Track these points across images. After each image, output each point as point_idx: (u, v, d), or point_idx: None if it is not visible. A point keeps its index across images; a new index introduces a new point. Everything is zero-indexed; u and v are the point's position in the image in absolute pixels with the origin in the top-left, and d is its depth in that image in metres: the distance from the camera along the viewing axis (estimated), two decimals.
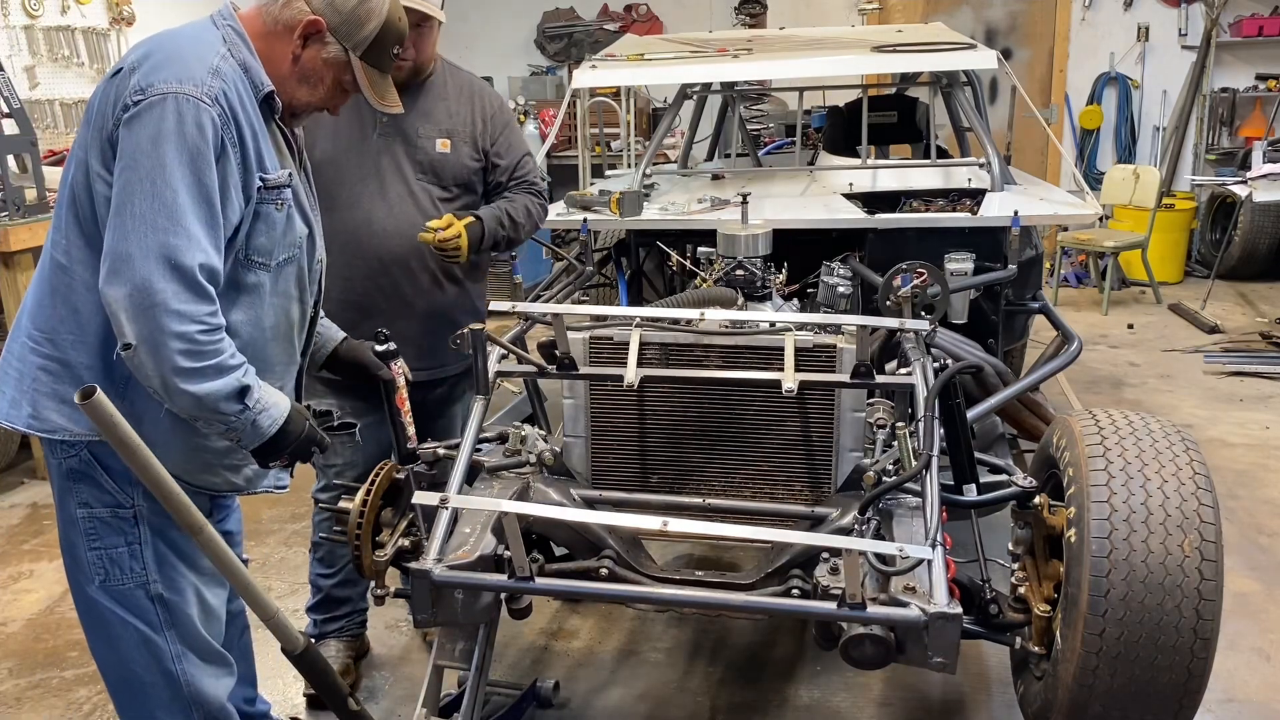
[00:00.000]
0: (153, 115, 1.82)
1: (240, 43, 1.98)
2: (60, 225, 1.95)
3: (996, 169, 3.90)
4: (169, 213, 1.80)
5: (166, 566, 2.05)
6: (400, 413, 2.50)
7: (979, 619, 2.30)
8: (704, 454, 2.72)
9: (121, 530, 2.00)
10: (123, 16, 5.98)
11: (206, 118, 1.84)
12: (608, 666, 3.14)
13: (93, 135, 1.89)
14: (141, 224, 1.79)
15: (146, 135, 1.81)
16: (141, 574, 2.03)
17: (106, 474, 1.97)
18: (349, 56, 2.04)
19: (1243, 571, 3.57)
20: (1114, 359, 6.11)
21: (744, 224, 3.30)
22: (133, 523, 2.00)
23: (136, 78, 1.85)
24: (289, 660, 2.06)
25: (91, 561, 2.01)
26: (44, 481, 4.73)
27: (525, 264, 7.46)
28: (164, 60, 1.87)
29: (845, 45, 4.47)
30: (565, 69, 9.57)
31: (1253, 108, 8.15)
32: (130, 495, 1.98)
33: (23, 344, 1.97)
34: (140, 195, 1.80)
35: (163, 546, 2.04)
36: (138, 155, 1.81)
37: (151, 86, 1.83)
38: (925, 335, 2.70)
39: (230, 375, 1.87)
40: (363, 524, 2.28)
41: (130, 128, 1.82)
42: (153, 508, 1.96)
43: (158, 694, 2.11)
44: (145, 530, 2.01)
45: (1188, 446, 2.22)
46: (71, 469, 1.97)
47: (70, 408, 1.89)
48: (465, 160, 2.93)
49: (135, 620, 2.05)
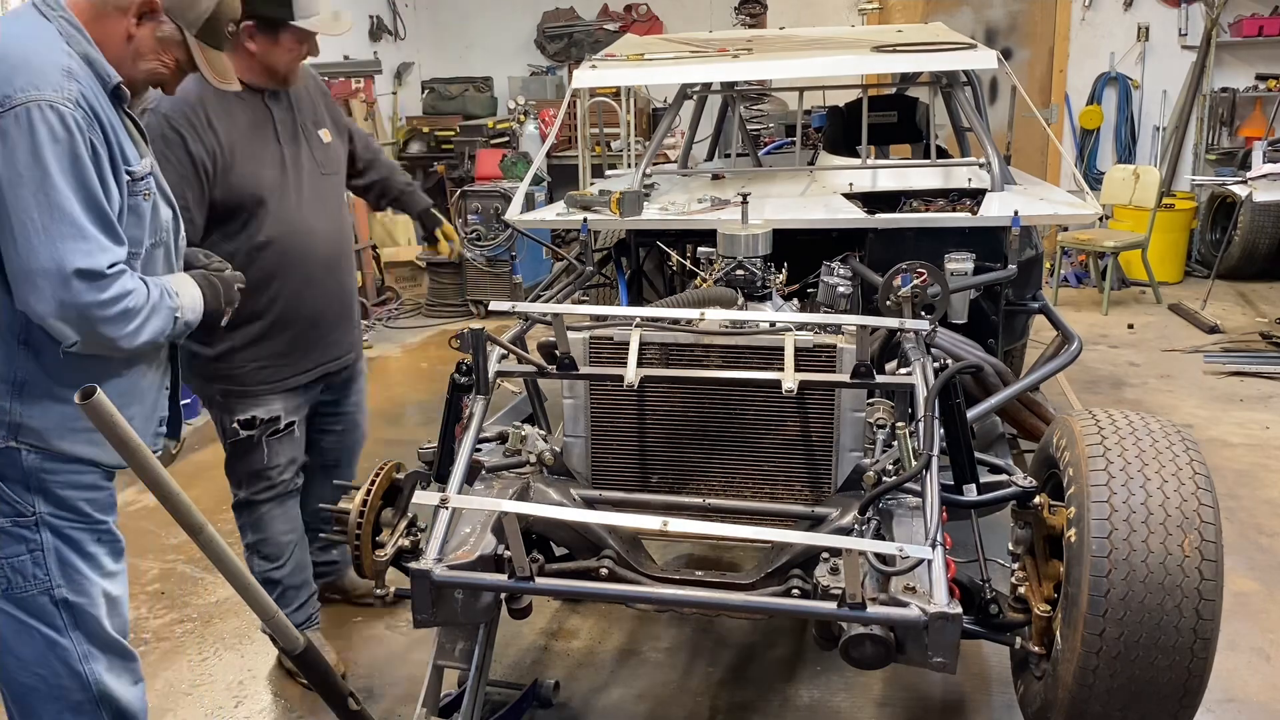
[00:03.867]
0: (21, 128, 1.84)
1: (77, 34, 1.98)
2: None
3: (996, 169, 3.89)
4: (69, 222, 1.86)
5: (70, 570, 2.07)
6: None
7: (979, 619, 2.30)
8: (704, 454, 2.72)
9: (23, 539, 2.03)
10: None
11: (72, 121, 1.87)
12: (608, 666, 3.14)
13: None
14: (46, 238, 1.84)
15: (24, 149, 1.84)
16: (45, 580, 2.05)
17: (4, 483, 1.99)
18: (184, 35, 2.07)
19: (1243, 571, 3.57)
20: (1114, 359, 6.11)
21: (744, 224, 3.30)
22: (34, 529, 2.03)
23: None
24: (289, 660, 2.06)
25: None
26: None
27: (525, 264, 7.46)
28: (12, 68, 1.87)
29: (845, 45, 4.46)
30: (565, 69, 9.57)
31: (1253, 108, 8.15)
32: (30, 503, 2.01)
33: None
34: (38, 210, 1.84)
35: (65, 550, 2.06)
36: (21, 170, 1.84)
37: (10, 98, 1.84)
38: (925, 335, 2.70)
39: (162, 308, 2.01)
40: (363, 524, 2.29)
41: (2, 142, 1.84)
42: (53, 513, 2.03)
43: (67, 696, 2.12)
44: (47, 536, 2.04)
45: (1188, 446, 2.22)
46: None
47: None
48: (340, 145, 3.04)
49: (40, 625, 2.07)
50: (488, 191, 7.41)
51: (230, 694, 3.08)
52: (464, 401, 2.65)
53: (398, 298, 7.96)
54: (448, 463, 2.59)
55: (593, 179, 6.47)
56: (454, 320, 7.48)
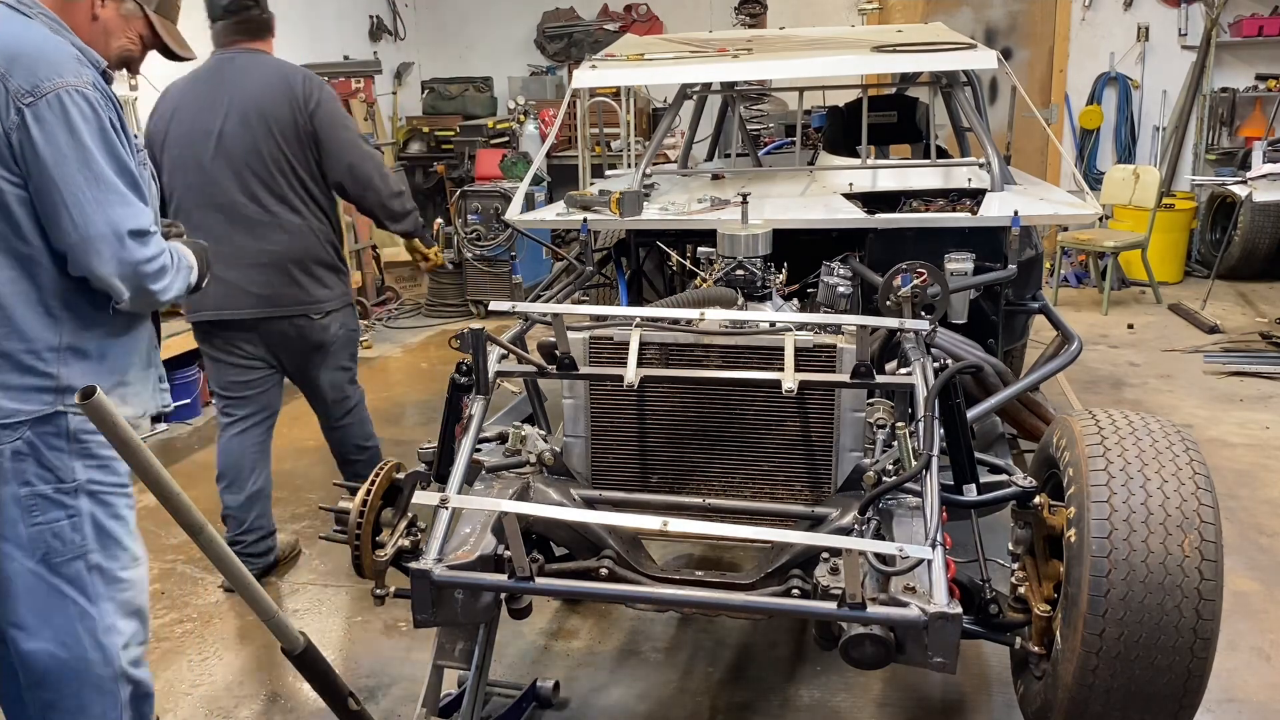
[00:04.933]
0: (55, 113, 2.01)
1: (60, 28, 2.14)
2: None
3: (996, 169, 3.89)
4: (114, 190, 2.06)
5: (104, 536, 2.18)
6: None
7: (979, 619, 2.30)
8: (704, 454, 2.72)
9: (62, 504, 2.13)
10: None
11: (95, 102, 2.06)
12: (608, 666, 3.14)
13: None
14: (99, 207, 2.03)
15: (62, 131, 2.02)
16: (81, 545, 2.15)
17: (46, 450, 2.10)
18: (144, 11, 2.26)
19: (1243, 571, 3.57)
20: (1114, 359, 6.11)
21: (744, 224, 3.30)
22: (73, 495, 2.13)
23: (14, 80, 2.00)
24: (289, 660, 2.06)
25: (32, 538, 2.11)
26: None
27: (525, 264, 7.46)
28: (31, 61, 2.03)
29: (845, 45, 4.46)
30: (565, 69, 9.57)
31: (1253, 108, 8.15)
32: (71, 469, 2.12)
33: None
34: (86, 183, 2.03)
35: (101, 516, 2.17)
36: (65, 151, 2.02)
37: (38, 87, 2.01)
38: (925, 335, 2.70)
39: (182, 269, 2.22)
40: (363, 524, 2.29)
41: (41, 126, 2.01)
42: (91, 479, 2.15)
43: (90, 671, 2.19)
44: (85, 502, 2.15)
45: (1188, 446, 2.22)
46: (15, 450, 2.08)
47: (11, 392, 2.06)
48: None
49: (75, 593, 2.15)
50: (488, 191, 7.41)
51: (230, 694, 3.08)
52: (464, 401, 2.65)
53: (398, 298, 7.96)
54: (448, 463, 2.59)
55: (593, 179, 6.47)
56: (454, 320, 7.49)
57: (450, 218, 7.72)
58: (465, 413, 2.64)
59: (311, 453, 4.88)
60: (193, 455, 5.08)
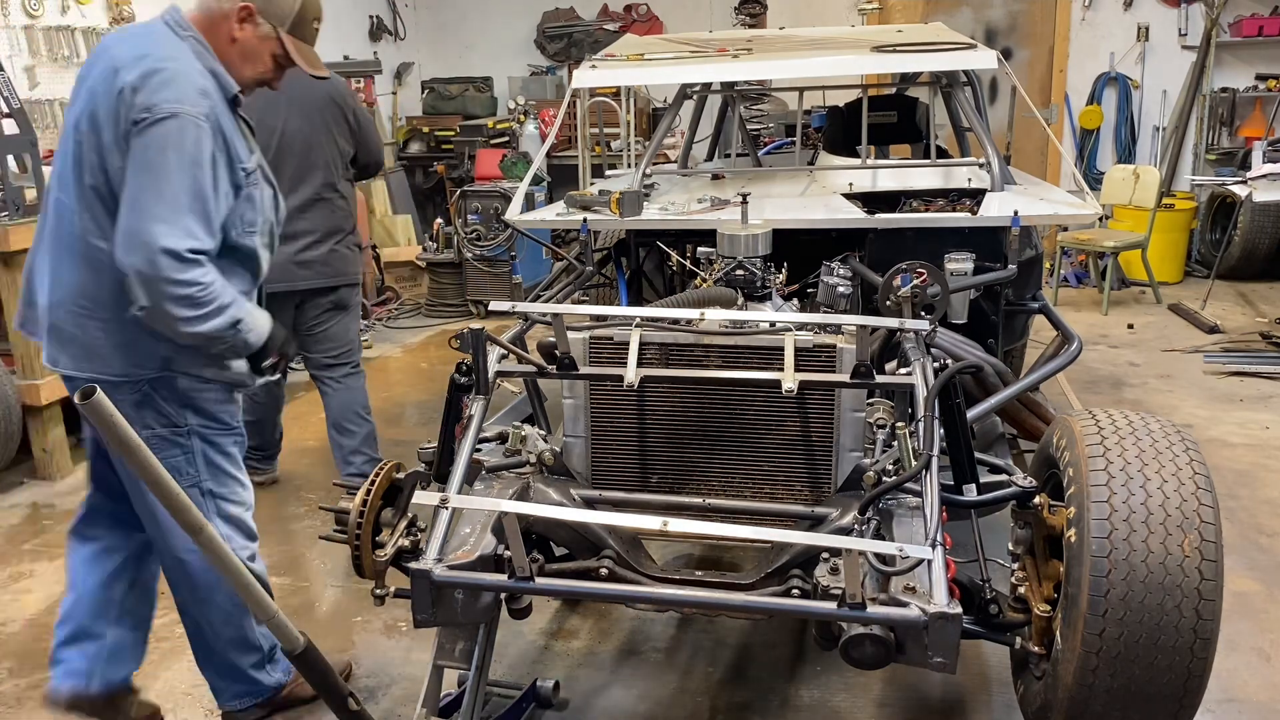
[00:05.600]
0: (160, 130, 2.26)
1: (205, 51, 2.41)
2: (88, 213, 2.37)
3: (996, 169, 3.90)
4: (168, 207, 2.25)
5: (213, 467, 2.56)
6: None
7: (979, 619, 2.30)
8: (704, 454, 2.72)
9: (177, 444, 2.49)
10: (123, 16, 5.97)
11: (204, 135, 2.29)
12: (608, 666, 3.14)
13: (109, 139, 2.31)
14: (149, 216, 2.24)
15: (155, 145, 2.25)
16: (195, 475, 2.52)
17: (163, 401, 2.45)
18: (278, 33, 2.48)
19: (1243, 571, 3.57)
20: (1114, 359, 6.11)
21: (744, 224, 3.30)
22: (186, 437, 2.50)
23: (141, 97, 2.27)
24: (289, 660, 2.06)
25: None
26: (44, 481, 4.73)
27: (525, 264, 7.46)
28: (162, 83, 2.28)
29: (845, 45, 4.46)
30: (565, 69, 9.57)
31: (1253, 108, 8.15)
32: (183, 416, 2.48)
33: (73, 314, 2.40)
34: (150, 192, 2.25)
35: (210, 451, 2.55)
36: (149, 159, 2.26)
37: (156, 106, 2.26)
38: (925, 335, 2.70)
39: (226, 313, 2.34)
40: (363, 524, 2.29)
41: (142, 137, 2.26)
42: (201, 423, 2.50)
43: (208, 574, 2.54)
44: (196, 441, 2.52)
45: (1188, 446, 2.22)
46: (136, 401, 2.42)
47: (130, 356, 2.39)
48: None
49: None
50: (488, 191, 7.41)
51: None
52: (464, 401, 2.66)
53: (398, 298, 7.96)
54: (448, 463, 2.59)
55: (593, 179, 6.47)
56: (454, 320, 7.48)
57: (450, 218, 7.72)
58: (465, 413, 2.64)
59: (312, 453, 4.88)
60: None
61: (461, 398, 2.67)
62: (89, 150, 2.34)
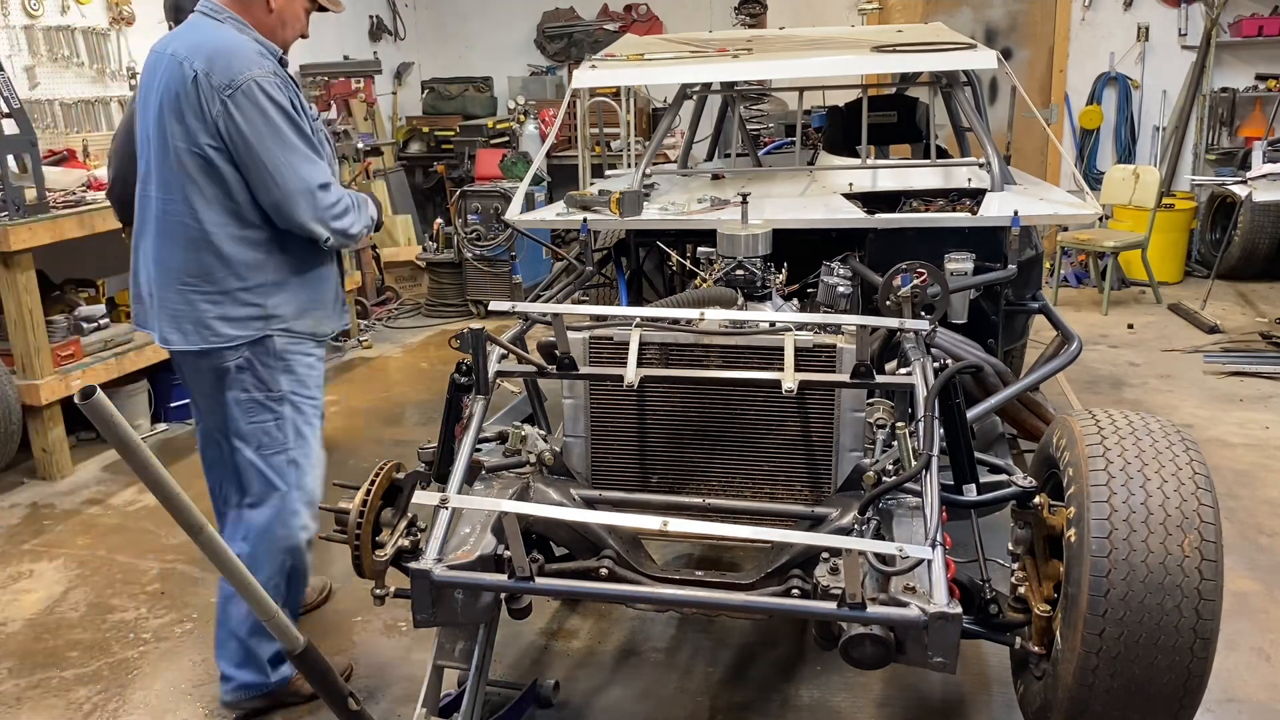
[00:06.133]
0: (249, 98, 2.54)
1: (244, 26, 2.68)
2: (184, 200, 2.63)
3: (996, 169, 3.89)
4: (301, 155, 2.61)
5: (300, 441, 2.80)
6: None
7: (979, 619, 2.30)
8: (704, 454, 2.72)
9: (271, 409, 2.75)
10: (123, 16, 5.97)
11: (276, 88, 2.59)
12: (608, 666, 3.14)
13: (195, 123, 2.57)
14: (293, 171, 2.59)
15: (256, 114, 2.55)
16: (284, 442, 2.77)
17: (260, 367, 2.71)
18: None
19: (1243, 571, 3.57)
20: (1114, 359, 6.11)
21: (744, 224, 3.30)
22: (279, 403, 2.76)
23: (216, 78, 2.55)
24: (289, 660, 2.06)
25: (251, 433, 2.75)
26: (44, 481, 4.73)
27: (525, 264, 7.46)
28: (226, 60, 2.57)
29: (845, 45, 4.46)
30: (565, 69, 9.57)
31: (1252, 108, 8.15)
32: (278, 381, 2.74)
33: (180, 293, 2.67)
34: (281, 152, 2.58)
35: (298, 420, 2.79)
36: (260, 129, 2.56)
37: (234, 79, 2.55)
38: (925, 335, 2.69)
39: (363, 208, 2.79)
40: (363, 524, 2.29)
41: (238, 109, 2.54)
42: (292, 390, 2.76)
43: (276, 540, 2.79)
44: (287, 409, 2.77)
45: (1188, 446, 2.22)
46: (237, 365, 2.69)
47: (233, 322, 2.67)
48: None
49: (277, 479, 2.78)
50: (488, 191, 7.41)
51: None
52: (464, 401, 2.66)
53: (398, 298, 7.96)
54: (448, 463, 2.59)
55: (593, 179, 6.47)
56: (454, 320, 7.48)
57: (450, 217, 7.72)
58: (465, 413, 2.64)
59: None
60: (192, 455, 5.08)
61: (461, 398, 2.67)
62: (178, 140, 2.60)
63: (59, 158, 5.36)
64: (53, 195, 4.76)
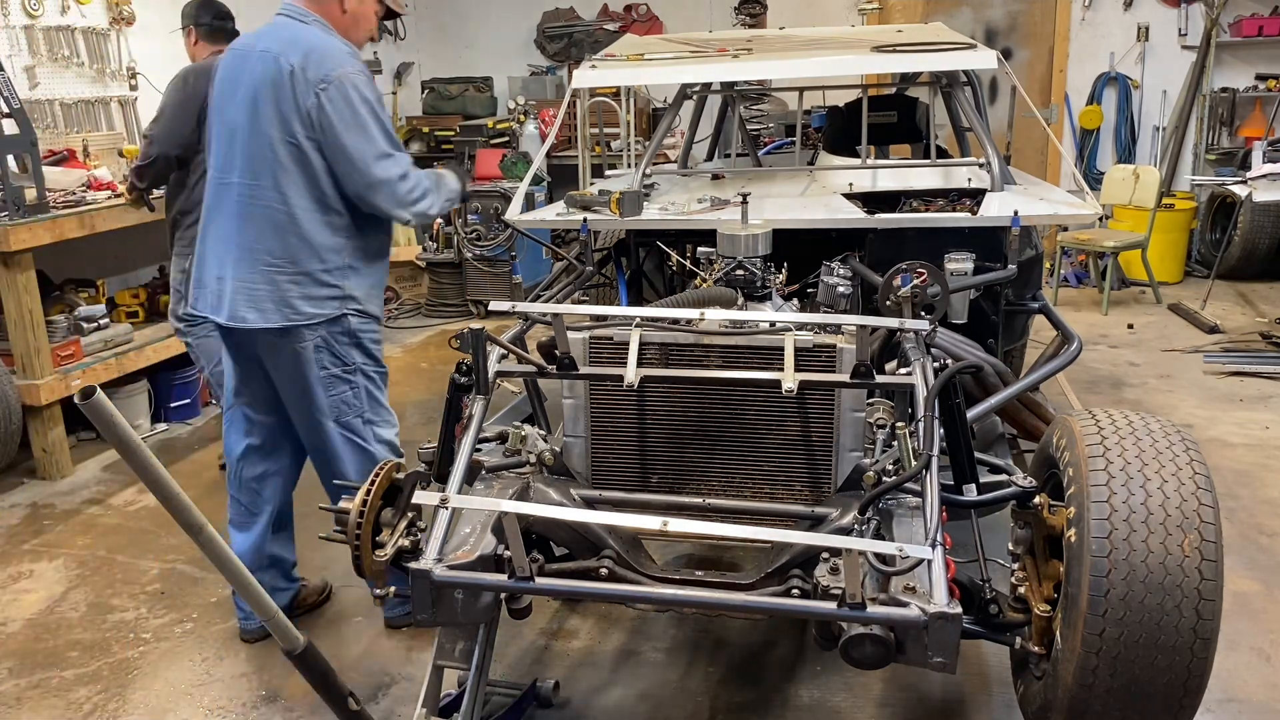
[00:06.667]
0: (341, 93, 2.79)
1: (327, 29, 2.91)
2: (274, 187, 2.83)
3: (996, 169, 3.89)
4: (382, 147, 2.84)
5: (373, 403, 3.08)
6: None
7: (979, 619, 2.30)
8: (704, 454, 2.72)
9: (347, 381, 3.00)
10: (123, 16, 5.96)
11: (365, 83, 2.84)
12: (608, 666, 3.14)
13: (289, 111, 2.79)
14: (375, 162, 2.83)
15: (346, 107, 2.79)
16: (360, 408, 3.03)
17: (337, 344, 2.95)
18: None
19: (1243, 571, 3.57)
20: (1114, 359, 6.11)
21: (744, 224, 3.30)
22: (353, 375, 3.01)
23: (312, 73, 2.78)
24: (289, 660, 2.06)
25: (329, 404, 2.99)
26: (44, 481, 4.74)
27: (525, 264, 7.46)
28: (320, 57, 2.80)
29: (845, 45, 4.46)
30: (565, 69, 9.56)
31: (1253, 108, 8.15)
32: (351, 356, 2.99)
33: (265, 273, 2.86)
34: (365, 144, 2.81)
35: (371, 387, 3.06)
36: (349, 121, 2.79)
37: (329, 75, 2.78)
38: (925, 335, 2.69)
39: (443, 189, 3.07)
40: (363, 524, 2.28)
41: (331, 103, 2.78)
42: (364, 362, 3.02)
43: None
44: (360, 379, 3.03)
45: (1188, 446, 2.22)
46: (317, 344, 2.92)
47: (314, 301, 2.88)
48: None
49: (359, 440, 3.04)
50: (488, 191, 7.40)
51: (230, 694, 3.08)
52: (464, 401, 2.66)
53: (398, 298, 7.96)
54: (448, 463, 2.59)
55: (593, 179, 6.47)
56: (454, 320, 7.48)
57: (450, 217, 7.72)
58: (465, 413, 2.64)
59: None
60: (192, 455, 5.09)
61: (461, 398, 2.67)
62: (273, 129, 2.80)
63: (59, 158, 5.36)
64: (53, 195, 4.76)
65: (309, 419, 3.03)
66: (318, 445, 3.07)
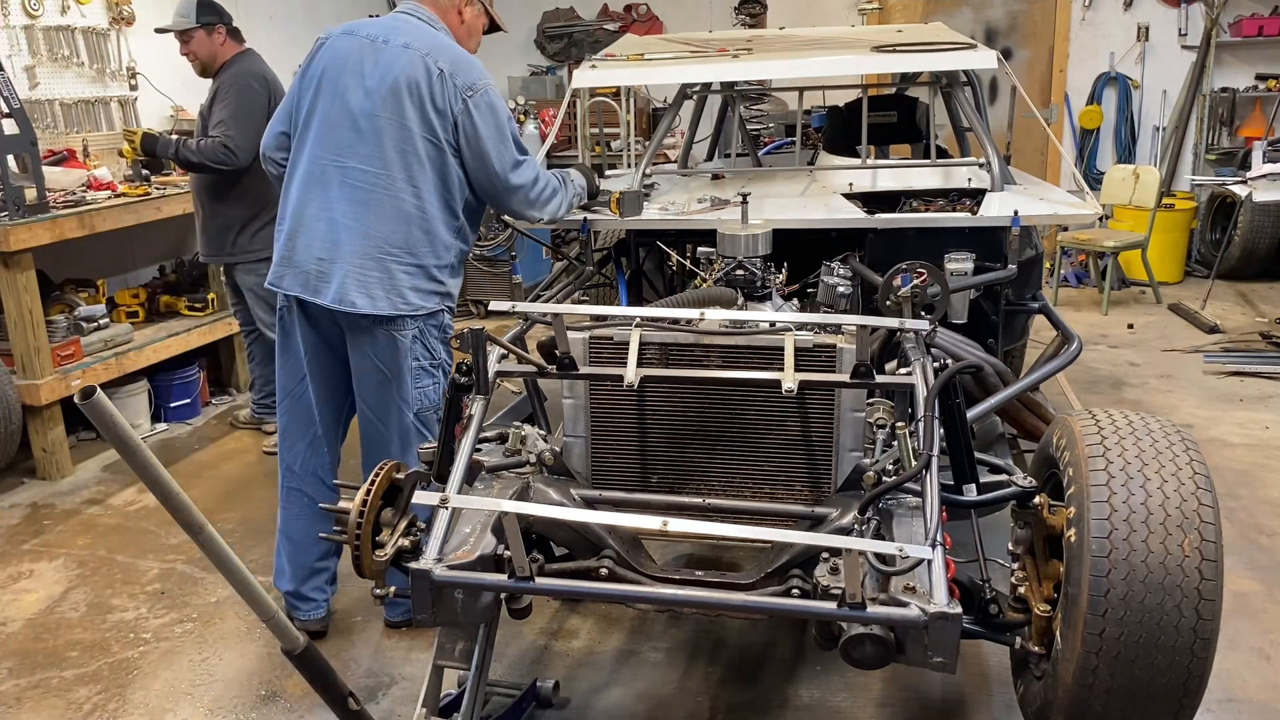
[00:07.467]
0: (486, 102, 2.97)
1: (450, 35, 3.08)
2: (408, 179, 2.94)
3: (996, 169, 3.89)
4: (514, 155, 3.02)
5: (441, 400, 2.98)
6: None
7: (979, 619, 2.30)
8: (704, 454, 2.72)
9: (433, 375, 3.11)
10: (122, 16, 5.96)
11: (499, 95, 3.03)
12: (608, 666, 3.14)
13: (431, 109, 2.92)
14: (513, 167, 3.03)
15: (491, 115, 2.97)
16: (436, 403, 3.10)
17: (429, 337, 3.08)
18: (486, 6, 3.23)
19: (1243, 571, 3.57)
20: (1114, 359, 6.11)
21: (744, 224, 3.30)
22: (437, 370, 3.12)
23: (458, 80, 2.93)
24: (289, 660, 2.06)
25: (414, 396, 3.07)
26: (44, 481, 4.74)
27: (525, 264, 7.46)
28: (466, 65, 2.98)
29: (845, 45, 4.46)
30: (565, 69, 9.56)
31: (1252, 108, 8.15)
32: (438, 351, 3.11)
33: (379, 260, 2.94)
34: (505, 150, 3.00)
35: (444, 385, 3.05)
36: (493, 129, 2.97)
37: (475, 84, 2.95)
38: (925, 335, 2.69)
39: (568, 188, 3.33)
40: (363, 524, 2.28)
41: (478, 110, 2.95)
42: (446, 361, 3.13)
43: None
44: (441, 375, 3.13)
45: (1188, 446, 2.22)
46: (413, 336, 3.03)
47: (422, 293, 3.02)
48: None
49: (428, 434, 3.06)
50: None
51: (230, 694, 3.08)
52: (464, 401, 2.66)
53: None
54: (448, 463, 2.59)
55: None
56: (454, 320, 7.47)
57: None
58: (465, 413, 2.64)
59: None
60: (192, 455, 5.08)
61: (461, 398, 2.67)
62: (415, 126, 2.91)
63: (59, 158, 5.36)
64: (53, 195, 4.76)
65: (387, 408, 3.06)
66: (385, 437, 3.09)
